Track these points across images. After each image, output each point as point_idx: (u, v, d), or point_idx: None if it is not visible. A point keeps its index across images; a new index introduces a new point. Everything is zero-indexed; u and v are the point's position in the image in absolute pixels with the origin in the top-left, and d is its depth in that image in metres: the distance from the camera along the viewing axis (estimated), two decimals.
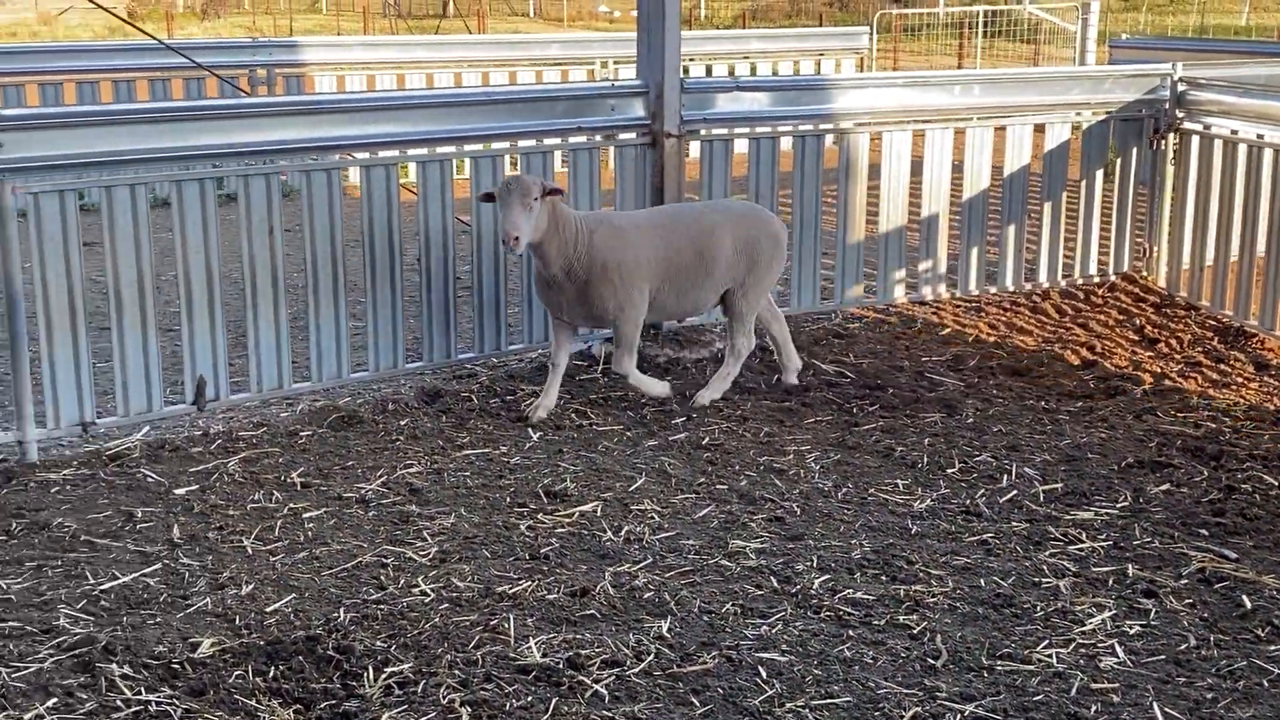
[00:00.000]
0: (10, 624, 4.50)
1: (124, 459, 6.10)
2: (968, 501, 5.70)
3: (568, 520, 5.45)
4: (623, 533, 5.33)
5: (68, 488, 5.78)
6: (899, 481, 5.93)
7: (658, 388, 6.94)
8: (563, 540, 5.26)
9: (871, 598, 4.78)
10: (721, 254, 6.85)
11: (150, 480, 5.86)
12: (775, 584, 4.89)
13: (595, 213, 7.01)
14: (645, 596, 4.76)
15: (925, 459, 6.19)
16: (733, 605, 4.71)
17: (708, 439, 6.45)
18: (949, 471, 6.05)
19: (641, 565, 5.03)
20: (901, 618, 4.62)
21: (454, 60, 14.27)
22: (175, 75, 12.29)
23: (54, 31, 36.86)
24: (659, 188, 7.73)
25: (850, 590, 4.82)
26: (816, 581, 4.89)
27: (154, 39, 8.82)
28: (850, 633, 4.53)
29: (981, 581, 4.91)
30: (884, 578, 4.96)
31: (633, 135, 7.73)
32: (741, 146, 8.20)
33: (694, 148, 8.17)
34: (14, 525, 5.33)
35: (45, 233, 5.93)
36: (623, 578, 4.91)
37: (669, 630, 4.51)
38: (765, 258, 6.99)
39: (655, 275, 6.73)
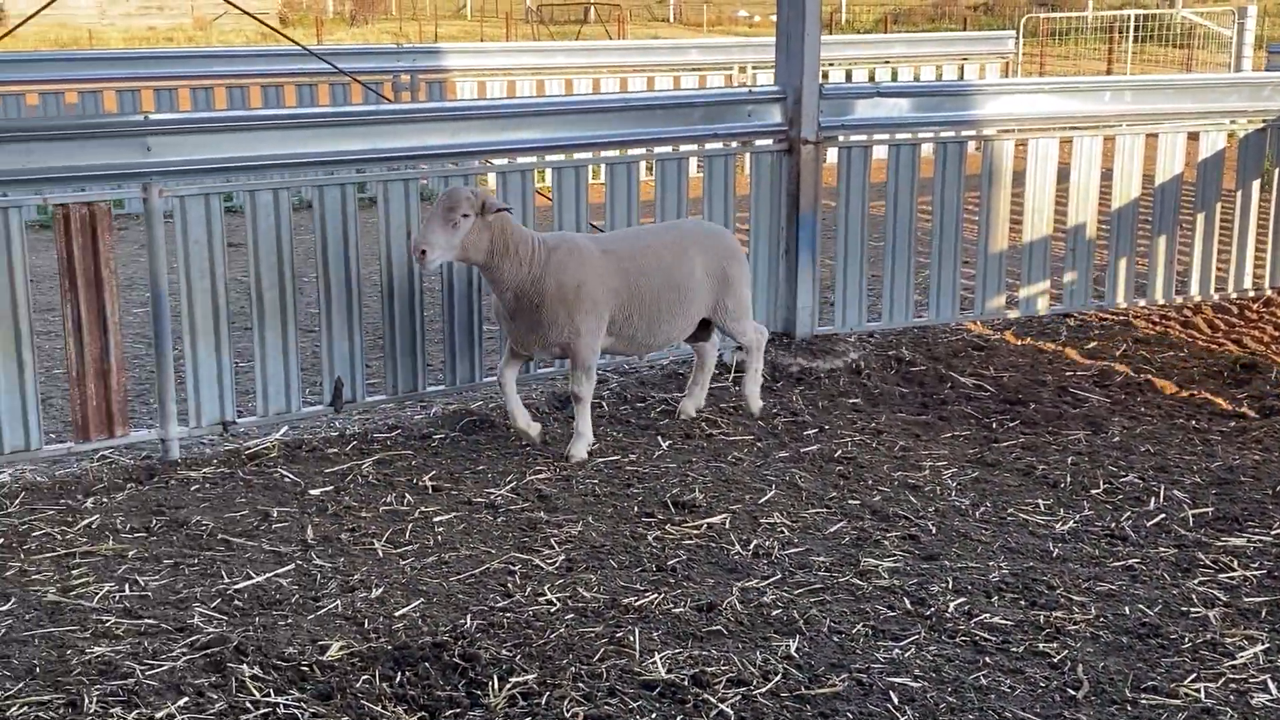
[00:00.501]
0: (146, 621, 4.58)
1: (262, 458, 6.20)
2: (1112, 524, 5.48)
3: (696, 532, 5.38)
4: (751, 546, 5.24)
5: (207, 486, 5.89)
6: (1040, 501, 5.74)
7: (585, 433, 6.24)
8: (690, 552, 5.19)
9: (1009, 623, 4.61)
10: (695, 280, 6.45)
11: (287, 480, 5.94)
12: (908, 605, 4.75)
13: (558, 233, 6.48)
14: (773, 614, 4.66)
15: (1068, 478, 5.97)
16: (864, 626, 4.59)
17: (840, 452, 6.32)
18: (1093, 492, 5.83)
19: (770, 581, 4.93)
20: (1041, 645, 4.45)
21: (593, 66, 14.33)
22: (322, 81, 12.54)
23: (208, 37, 38.02)
24: (794, 195, 7.63)
25: (987, 614, 4.66)
26: (952, 604, 4.74)
27: (299, 46, 8.95)
28: (986, 659, 4.37)
29: (1126, 609, 4.71)
30: (1023, 602, 4.78)
31: (769, 141, 7.64)
32: (880, 153, 8.06)
33: (831, 154, 8.03)
34: (154, 522, 5.45)
35: (190, 235, 6.06)
36: (750, 593, 4.82)
37: (797, 650, 4.41)
38: (736, 274, 6.61)
39: (619, 303, 6.24)
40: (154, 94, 12.18)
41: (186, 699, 4.08)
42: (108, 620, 4.58)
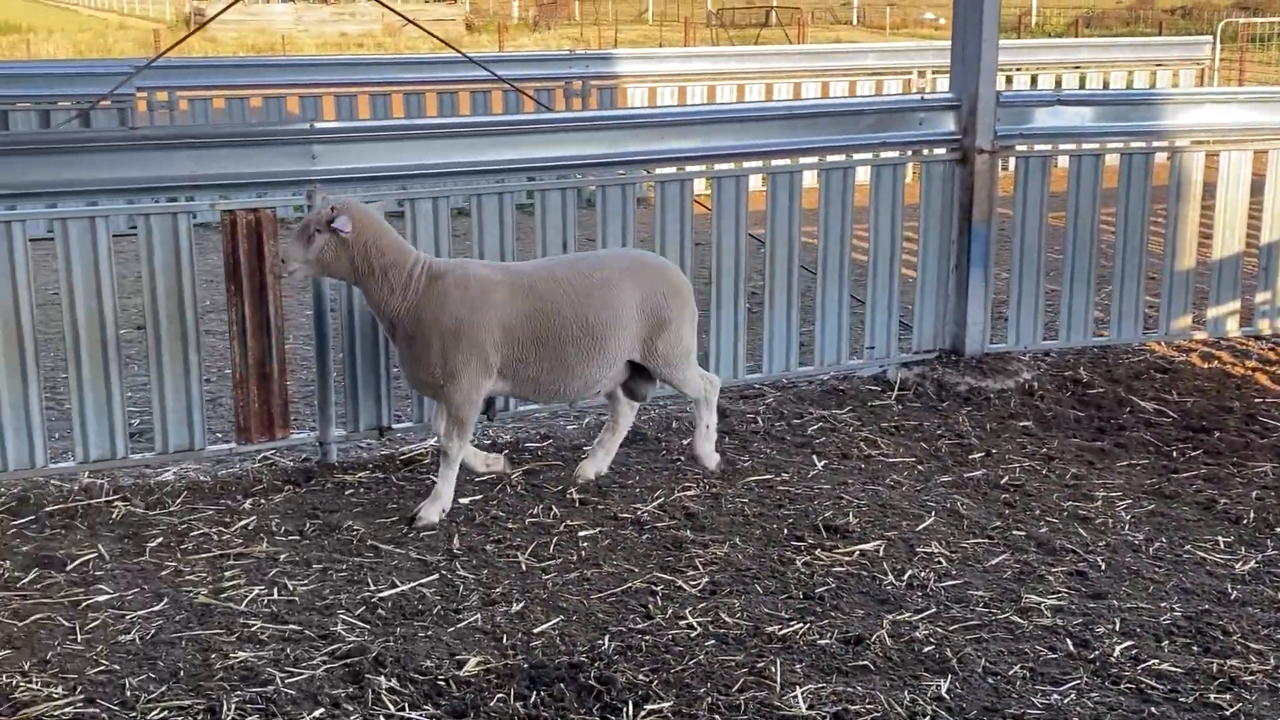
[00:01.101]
0: (291, 627, 4.61)
1: (416, 464, 6.22)
2: None
3: (847, 559, 5.18)
4: (905, 577, 5.02)
5: (361, 490, 5.93)
6: (1220, 539, 5.38)
7: (442, 495, 5.59)
8: (840, 580, 5.00)
9: (1180, 670, 4.31)
10: (617, 319, 5.65)
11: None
12: (1071, 647, 4.48)
13: (454, 261, 5.77)
14: (925, 650, 4.45)
15: (1252, 514, 5.60)
16: (1021, 668, 4.34)
17: (1007, 478, 6.05)
18: (1278, 530, 5.44)
19: (923, 614, 4.71)
20: (1213, 696, 4.15)
21: (766, 71, 14.15)
22: (496, 88, 12.65)
23: (397, 43, 38.95)
24: (967, 206, 7.35)
25: (1156, 660, 4.37)
26: (1118, 648, 4.46)
27: (463, 55, 9.02)
28: (1153, 709, 4.09)
29: None
30: (1195, 648, 4.47)
31: (942, 151, 7.37)
32: (1060, 163, 7.72)
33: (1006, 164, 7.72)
34: (308, 525, 5.50)
35: None
36: (902, 627, 4.61)
37: (948, 690, 4.19)
38: (674, 314, 5.79)
39: (515, 342, 5.54)
40: (334, 100, 12.45)
41: (322, 710, 4.07)
42: (254, 625, 4.62)
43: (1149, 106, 7.75)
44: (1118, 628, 4.61)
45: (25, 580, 4.97)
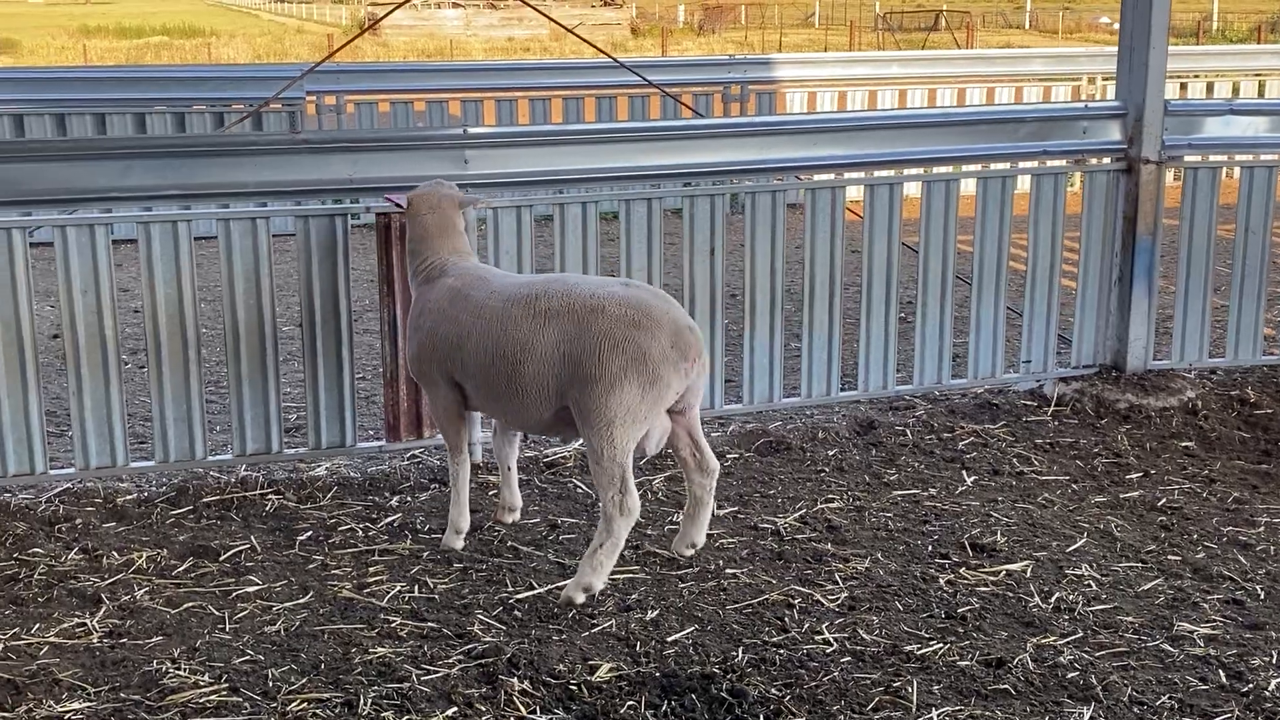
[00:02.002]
0: (429, 625, 4.68)
1: (559, 467, 6.26)
2: None
3: (992, 578, 5.05)
4: (1053, 599, 4.87)
5: None
6: None
7: (454, 520, 5.30)
8: (984, 600, 4.88)
9: None
10: (528, 357, 4.85)
11: (579, 491, 5.97)
12: (1223, 679, 4.29)
13: (466, 265, 5.29)
14: (1069, 676, 4.30)
15: None
16: (1170, 698, 4.17)
17: (1165, 500, 5.83)
18: None
19: (1069, 639, 4.56)
20: None
21: (929, 76, 13.92)
22: (654, 93, 12.68)
23: (562, 48, 39.45)
24: (1131, 218, 7.10)
25: None
26: (1273, 681, 4.25)
27: (615, 60, 9.07)
28: None
29: None
30: None
31: (1106, 160, 7.14)
32: (1232, 174, 7.42)
33: (1170, 175, 7.44)
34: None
35: (501, 246, 6.19)
36: (1046, 651, 4.47)
37: (1091, 718, 4.04)
38: (597, 370, 4.72)
39: (450, 365, 5.10)
40: (494, 105, 12.64)
41: (455, 709, 4.12)
42: (394, 621, 4.70)
43: None
44: (1275, 660, 4.40)
45: (180, 569, 5.14)
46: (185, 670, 4.34)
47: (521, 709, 4.13)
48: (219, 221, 5.85)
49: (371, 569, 5.15)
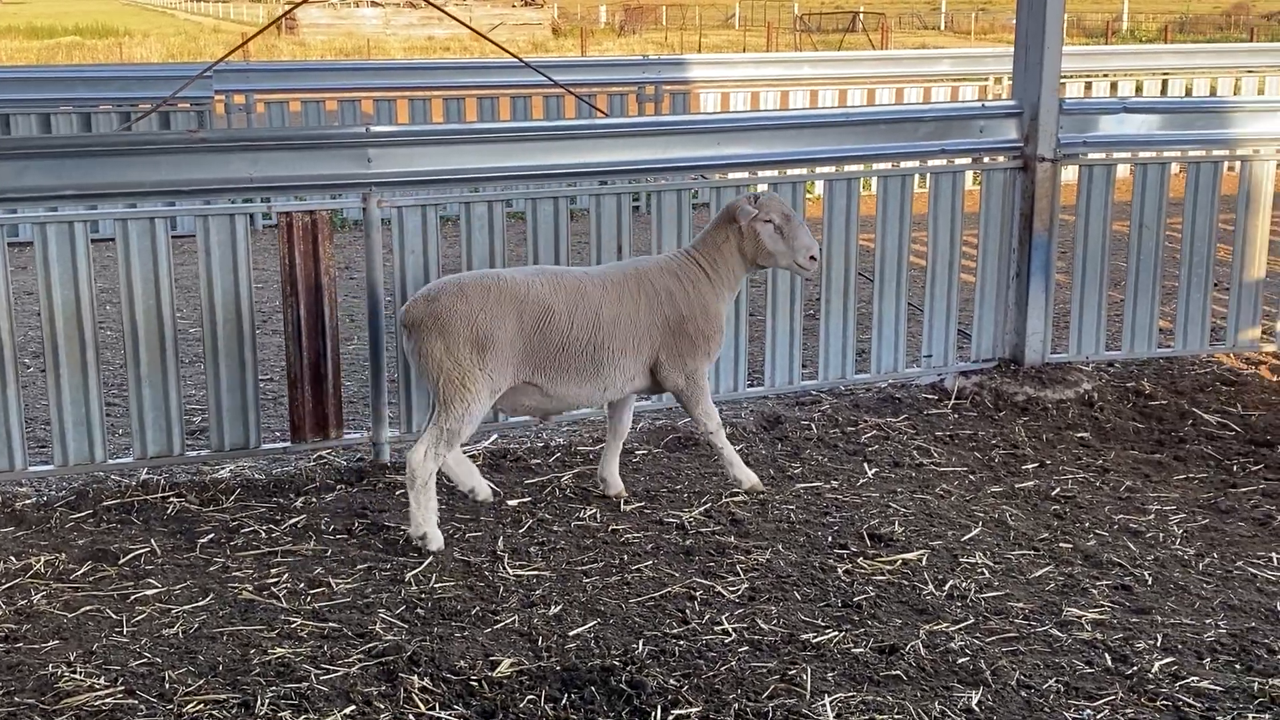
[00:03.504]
0: (330, 624, 4.68)
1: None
2: None
3: (889, 567, 5.15)
4: (946, 587, 4.97)
5: None
6: (1274, 555, 5.27)
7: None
8: (880, 589, 4.97)
9: (1219, 689, 4.23)
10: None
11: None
12: (1109, 662, 4.41)
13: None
14: (959, 662, 4.40)
15: None
16: (1056, 682, 4.28)
17: (1059, 490, 5.97)
18: None
19: (961, 626, 4.67)
20: (1251, 716, 4.07)
21: (840, 77, 14.07)
22: (570, 93, 12.69)
23: (483, 46, 39.26)
24: (1028, 215, 7.26)
25: (1195, 678, 4.29)
26: (1157, 664, 4.38)
27: (520, 60, 9.09)
28: None
29: None
30: (1238, 666, 4.39)
31: (1003, 159, 7.29)
32: (1125, 172, 7.60)
33: (1070, 172, 7.61)
34: (356, 525, 5.58)
35: (406, 245, 6.19)
36: (938, 637, 4.57)
37: (979, 703, 4.15)
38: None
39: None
40: (408, 104, 12.61)
41: (354, 707, 4.13)
42: (295, 621, 4.70)
43: (1217, 114, 7.60)
44: (1159, 644, 4.53)
45: (78, 573, 5.10)
46: (81, 674, 4.31)
47: (421, 706, 4.15)
48: (116, 222, 5.80)
49: (273, 570, 5.14)
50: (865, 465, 6.26)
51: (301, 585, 5.00)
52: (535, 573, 5.13)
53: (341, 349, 6.51)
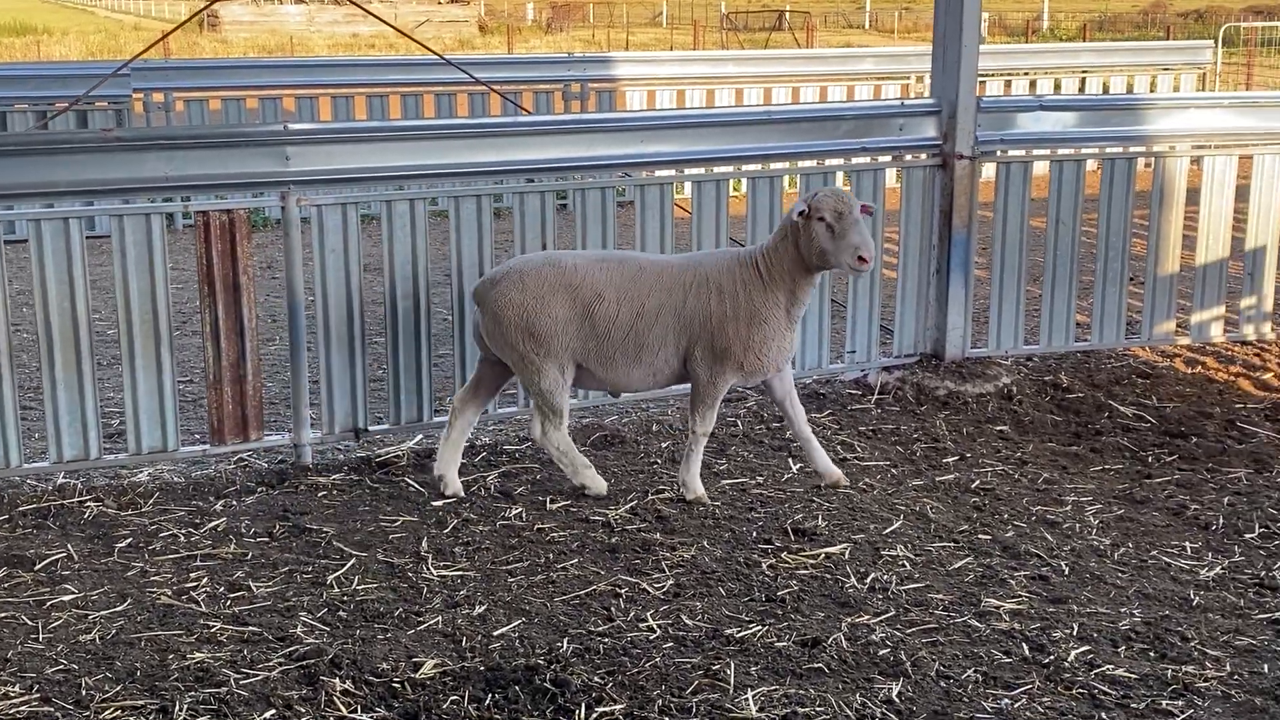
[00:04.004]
0: (250, 629, 4.63)
1: (391, 467, 6.24)
2: (1263, 573, 5.10)
3: (812, 561, 5.19)
4: (868, 580, 5.02)
5: (334, 492, 5.95)
6: (1187, 544, 5.38)
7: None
8: (803, 583, 5.01)
9: (1134, 676, 4.31)
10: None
11: (412, 490, 5.96)
12: (1026, 651, 4.48)
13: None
14: (880, 653, 4.45)
15: (1221, 520, 5.59)
16: (975, 672, 4.34)
17: (978, 482, 6.05)
18: (1247, 536, 5.44)
19: (882, 618, 4.72)
20: (1165, 703, 4.15)
21: (765, 75, 14.14)
22: (495, 91, 12.63)
23: (408, 44, 39.01)
24: (947, 212, 7.35)
25: (1110, 666, 4.37)
26: (1073, 653, 4.45)
27: (440, 57, 9.04)
28: (1103, 715, 4.09)
29: (1265, 667, 4.36)
30: (1152, 654, 4.47)
31: (923, 156, 7.38)
32: (1042, 168, 7.71)
33: (989, 169, 7.71)
34: (277, 528, 5.52)
35: (327, 244, 6.14)
36: (859, 630, 4.62)
37: (899, 694, 4.19)
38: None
39: None
40: (331, 101, 12.50)
41: (274, 711, 4.09)
42: (214, 626, 4.64)
43: (1132, 111, 7.73)
44: (1075, 633, 4.60)
45: None
46: None
47: (342, 709, 4.12)
48: (30, 223, 5.70)
49: (193, 574, 5.08)
50: (790, 461, 6.30)
51: (221, 589, 4.94)
52: (459, 573, 5.11)
53: (262, 349, 6.46)
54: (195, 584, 4.98)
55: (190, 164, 5.83)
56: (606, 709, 4.11)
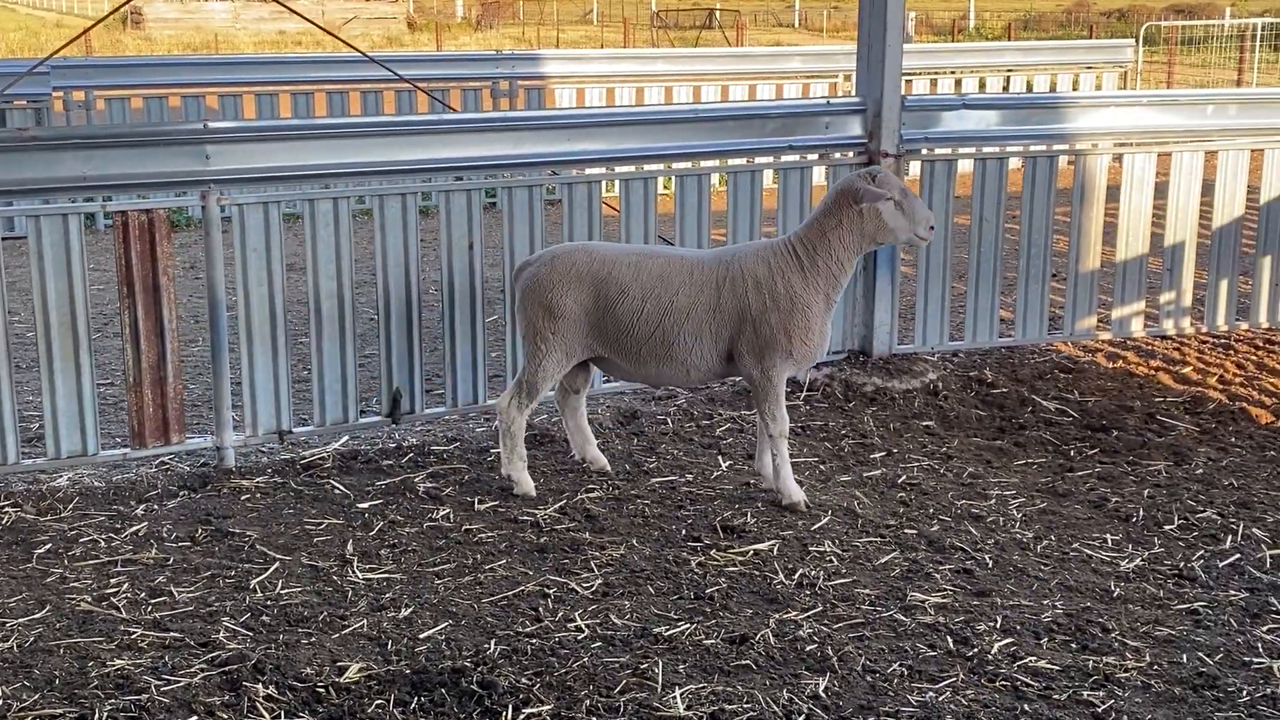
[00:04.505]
0: (172, 635, 4.56)
1: (316, 469, 6.17)
2: (1182, 564, 5.18)
3: (741, 559, 5.20)
4: (796, 576, 5.05)
5: (258, 495, 5.87)
6: (1108, 536, 5.45)
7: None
8: (731, 580, 5.02)
9: (1056, 668, 4.36)
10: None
11: (337, 492, 5.90)
12: (951, 644, 4.52)
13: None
14: (807, 649, 4.47)
15: (1142, 512, 5.68)
16: (900, 665, 4.37)
17: (905, 477, 6.10)
18: (1166, 528, 5.53)
19: (810, 613, 4.74)
20: (1086, 693, 4.20)
21: (694, 73, 14.20)
22: (423, 89, 12.56)
23: (335, 42, 38.63)
24: None
25: (1033, 658, 4.42)
26: (997, 645, 4.50)
27: (364, 55, 8.96)
28: (1026, 706, 4.13)
29: (1184, 657, 4.43)
30: (1074, 645, 4.53)
31: (849, 155, 7.42)
32: (966, 167, 7.79)
33: (914, 168, 7.78)
34: (199, 532, 5.45)
35: (249, 243, 6.06)
36: (787, 626, 4.63)
37: (826, 689, 4.21)
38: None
39: None
40: (255, 99, 12.36)
41: (196, 718, 4.03)
42: (134, 632, 4.57)
43: (1055, 110, 7.83)
44: (998, 625, 4.65)
45: None
46: None
47: (265, 715, 4.07)
48: None
49: (113, 580, 4.99)
50: (720, 458, 6.32)
51: (142, 595, 4.87)
52: (385, 575, 5.07)
53: (184, 351, 6.37)
54: (116, 590, 4.90)
55: (109, 163, 5.74)
56: (534, 710, 4.09)
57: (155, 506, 5.71)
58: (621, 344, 5.69)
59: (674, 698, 4.14)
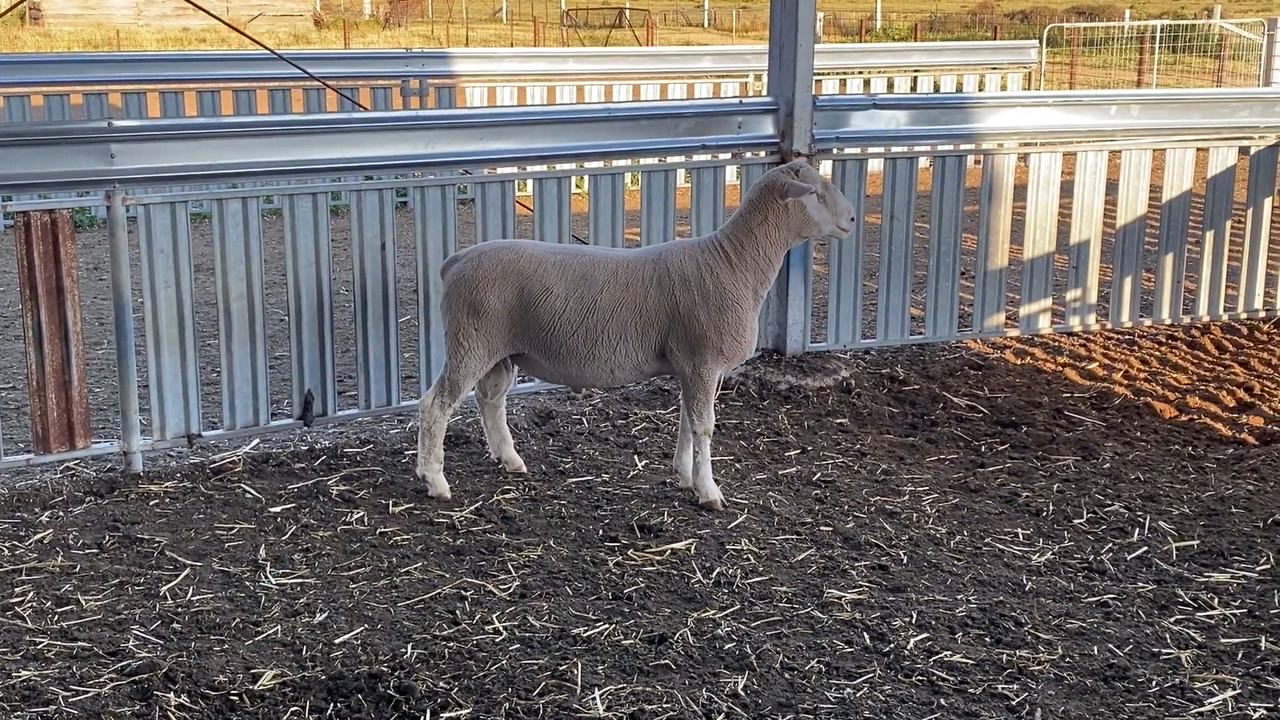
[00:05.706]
0: (80, 644, 4.46)
1: (227, 473, 6.07)
2: (1091, 557, 5.28)
3: (658, 558, 5.21)
4: (713, 575, 5.06)
5: (167, 501, 5.76)
6: (1019, 531, 5.54)
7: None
8: (649, 580, 5.02)
9: (970, 662, 4.42)
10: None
11: (249, 496, 5.81)
12: (867, 640, 4.56)
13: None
14: (726, 648, 4.48)
15: (1051, 507, 5.77)
16: (818, 662, 4.40)
17: (820, 474, 6.14)
18: (1075, 522, 5.63)
19: (727, 612, 4.75)
20: (1000, 686, 4.26)
21: (605, 72, 14.19)
22: (332, 87, 12.41)
23: (242, 38, 38.09)
24: None
25: (948, 652, 4.47)
26: (912, 640, 4.55)
27: (272, 52, 8.84)
28: (941, 701, 4.18)
29: (1095, 649, 4.51)
30: (988, 639, 4.59)
31: (761, 154, 7.46)
32: (877, 166, 7.87)
33: (826, 167, 7.85)
34: (107, 539, 5.33)
35: (155, 244, 5.94)
36: (705, 625, 4.64)
37: (744, 688, 4.23)
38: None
39: None
40: (159, 97, 12.13)
41: None
42: (40, 642, 4.46)
43: (960, 110, 7.94)
44: (914, 620, 4.70)
45: None
46: None
47: None
48: None
49: (18, 589, 4.87)
50: (636, 458, 6.32)
51: (48, 604, 4.75)
52: (299, 580, 5.00)
53: (89, 354, 6.23)
54: (20, 599, 4.77)
55: (10, 162, 5.59)
56: (452, 714, 4.06)
57: (61, 513, 5.58)
58: (545, 342, 5.66)
59: (593, 699, 4.13)
